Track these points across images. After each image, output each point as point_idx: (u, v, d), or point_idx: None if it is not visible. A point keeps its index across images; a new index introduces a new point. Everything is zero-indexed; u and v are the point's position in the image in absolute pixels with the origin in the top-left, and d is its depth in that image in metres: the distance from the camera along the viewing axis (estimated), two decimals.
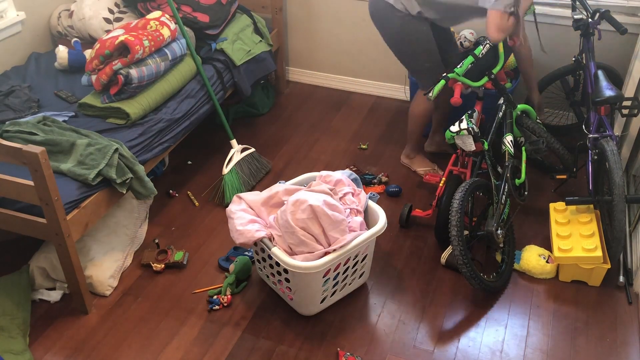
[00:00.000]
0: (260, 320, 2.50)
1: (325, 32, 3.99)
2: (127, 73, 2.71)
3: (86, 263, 2.58)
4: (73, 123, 2.73)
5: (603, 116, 2.78)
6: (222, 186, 3.08)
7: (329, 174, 2.63)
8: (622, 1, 3.23)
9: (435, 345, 2.39)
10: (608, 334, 2.43)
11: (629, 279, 2.62)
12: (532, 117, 3.05)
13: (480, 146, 2.64)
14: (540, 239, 2.86)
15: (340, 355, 2.34)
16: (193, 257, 2.81)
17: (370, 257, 2.55)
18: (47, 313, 2.53)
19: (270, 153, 3.50)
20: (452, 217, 2.46)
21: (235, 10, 3.57)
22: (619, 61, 3.33)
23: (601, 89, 2.69)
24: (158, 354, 2.36)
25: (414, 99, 3.17)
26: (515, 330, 2.46)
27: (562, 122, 3.63)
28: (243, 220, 2.40)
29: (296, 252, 2.31)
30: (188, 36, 3.11)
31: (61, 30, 3.45)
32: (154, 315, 2.52)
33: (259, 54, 3.55)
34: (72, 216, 2.33)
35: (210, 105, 3.19)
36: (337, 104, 4.00)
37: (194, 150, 3.52)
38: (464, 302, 2.58)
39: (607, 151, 2.59)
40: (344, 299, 2.57)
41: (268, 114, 3.90)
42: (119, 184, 2.49)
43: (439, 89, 2.58)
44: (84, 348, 2.39)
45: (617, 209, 2.49)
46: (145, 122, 2.79)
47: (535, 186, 3.18)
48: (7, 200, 2.35)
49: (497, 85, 2.82)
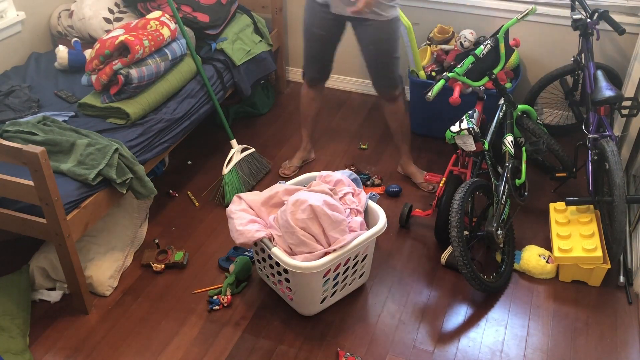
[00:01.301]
0: (260, 320, 2.50)
1: None
2: (127, 73, 2.71)
3: (86, 263, 2.58)
4: (73, 123, 2.73)
5: (603, 116, 2.78)
6: (222, 186, 3.08)
7: (329, 174, 2.63)
8: (621, 1, 3.23)
9: (435, 345, 2.39)
10: (608, 334, 2.43)
11: (629, 279, 2.62)
12: (533, 118, 3.05)
13: (480, 146, 2.64)
14: (540, 239, 2.86)
15: (340, 355, 2.34)
16: (193, 257, 2.81)
17: (370, 257, 2.55)
18: (47, 313, 2.53)
19: (270, 153, 3.50)
20: (452, 217, 2.46)
21: (235, 10, 3.57)
22: (618, 61, 3.34)
23: (601, 89, 2.69)
24: (158, 354, 2.36)
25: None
26: (515, 330, 2.46)
27: (562, 122, 3.64)
28: (243, 220, 2.40)
29: (296, 252, 2.31)
30: (188, 36, 3.12)
31: (61, 30, 3.45)
32: (154, 315, 2.52)
33: (259, 54, 3.55)
34: (72, 216, 2.33)
35: (210, 105, 3.19)
36: (337, 104, 4.00)
37: (194, 150, 3.52)
38: (464, 302, 2.58)
39: (607, 152, 2.59)
40: (344, 299, 2.57)
41: (268, 114, 3.90)
42: (119, 184, 2.49)
43: (439, 88, 2.58)
44: (84, 348, 2.39)
45: (618, 210, 2.49)
46: (145, 122, 2.79)
47: (535, 186, 3.18)
48: (7, 200, 2.35)
49: (497, 86, 2.82)
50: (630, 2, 3.21)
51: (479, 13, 3.50)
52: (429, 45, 3.55)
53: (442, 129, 2.77)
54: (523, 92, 3.47)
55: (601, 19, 2.96)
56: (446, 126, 2.68)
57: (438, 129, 3.23)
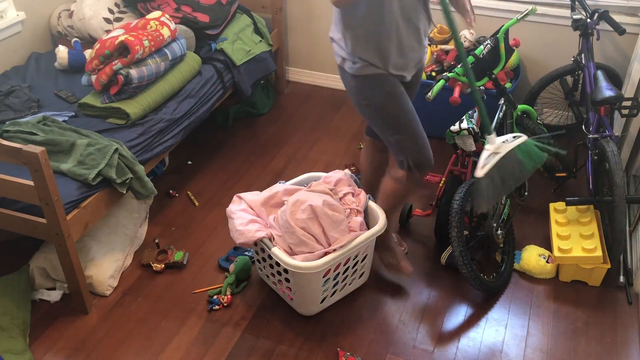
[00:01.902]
0: (260, 320, 2.50)
1: (325, 32, 3.96)
2: (127, 73, 2.71)
3: (86, 263, 2.58)
4: (73, 123, 2.73)
5: (603, 116, 2.78)
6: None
7: (329, 174, 2.63)
8: (621, 1, 3.23)
9: (435, 345, 2.39)
10: (608, 334, 2.43)
11: (629, 279, 2.62)
12: (533, 118, 3.05)
13: (480, 146, 2.64)
14: (541, 239, 2.86)
15: (340, 355, 2.34)
16: (193, 257, 2.80)
17: (370, 257, 2.55)
18: (47, 313, 2.53)
19: (270, 153, 3.50)
20: (452, 217, 2.46)
21: (235, 10, 3.57)
22: (618, 61, 3.34)
23: (601, 89, 2.69)
24: (158, 354, 2.36)
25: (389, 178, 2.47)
26: (515, 330, 2.46)
27: (562, 122, 3.64)
28: (243, 220, 2.40)
29: (296, 252, 2.31)
30: None
31: (61, 30, 3.45)
32: (154, 315, 2.52)
33: (259, 54, 3.55)
34: (72, 216, 2.33)
35: (210, 105, 3.19)
36: (337, 104, 4.00)
37: (194, 150, 3.52)
38: (464, 302, 2.58)
39: (608, 152, 2.59)
40: (344, 299, 2.57)
41: (268, 114, 3.90)
42: (119, 184, 2.49)
43: (439, 88, 2.57)
44: (84, 348, 2.39)
45: (618, 210, 2.49)
46: (145, 122, 2.79)
47: (535, 186, 3.18)
48: (7, 200, 2.35)
49: (497, 86, 2.82)
50: (630, 2, 3.21)
51: (479, 13, 3.50)
52: (429, 46, 3.55)
53: (442, 129, 2.77)
54: (523, 92, 3.47)
55: (601, 19, 2.96)
56: (446, 126, 2.68)
57: (438, 129, 3.23)
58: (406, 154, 2.33)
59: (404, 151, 2.33)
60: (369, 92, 2.26)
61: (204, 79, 3.16)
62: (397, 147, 2.34)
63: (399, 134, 2.30)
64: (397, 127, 2.29)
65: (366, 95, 2.27)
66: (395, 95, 2.26)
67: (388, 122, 2.30)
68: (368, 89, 2.25)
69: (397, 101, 2.27)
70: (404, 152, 2.33)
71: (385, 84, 2.24)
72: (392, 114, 2.28)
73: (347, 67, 2.24)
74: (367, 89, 2.25)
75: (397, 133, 2.30)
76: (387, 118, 2.29)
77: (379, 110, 2.29)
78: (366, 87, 2.25)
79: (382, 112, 2.29)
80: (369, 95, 2.27)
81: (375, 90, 2.25)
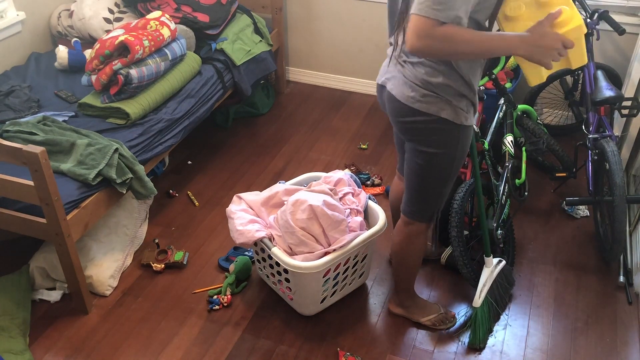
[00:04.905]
0: (260, 320, 2.50)
1: (325, 32, 3.99)
2: (127, 73, 2.71)
3: (86, 263, 2.58)
4: (73, 123, 2.73)
5: (603, 116, 2.78)
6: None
7: (329, 174, 2.63)
8: (621, 1, 3.23)
9: (435, 345, 2.39)
10: (608, 334, 2.43)
11: (629, 279, 2.62)
12: (533, 118, 3.05)
13: (480, 146, 2.64)
14: (540, 239, 2.86)
15: (340, 355, 2.34)
16: (193, 257, 2.81)
17: (370, 257, 2.55)
18: (47, 313, 2.53)
19: (270, 153, 3.50)
20: (452, 217, 2.47)
21: (235, 10, 3.57)
22: (618, 61, 3.33)
23: (601, 89, 2.69)
24: (158, 354, 2.36)
25: (400, 232, 2.28)
26: (515, 330, 2.46)
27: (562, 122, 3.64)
28: (243, 220, 2.41)
29: (296, 252, 2.31)
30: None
31: (61, 30, 3.45)
32: (154, 315, 2.52)
33: (259, 54, 3.55)
34: (72, 216, 2.33)
35: (210, 105, 3.19)
36: (337, 104, 4.00)
37: (194, 150, 3.52)
38: (464, 302, 2.58)
39: (608, 152, 2.59)
40: (344, 299, 2.57)
41: (268, 114, 3.90)
42: (119, 184, 2.49)
43: None
44: (84, 348, 2.39)
45: (618, 210, 2.49)
46: (145, 122, 2.79)
47: (535, 186, 3.18)
48: (7, 200, 2.35)
49: (497, 86, 2.82)
50: (630, 2, 3.21)
51: None
52: None
53: None
54: (523, 92, 3.47)
55: (601, 19, 2.95)
56: None
57: None
58: (438, 205, 2.19)
59: (439, 203, 2.18)
60: (464, 143, 2.02)
61: (204, 79, 3.16)
62: (435, 199, 2.16)
63: (447, 186, 2.13)
64: (451, 180, 2.12)
65: (459, 146, 2.02)
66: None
67: (449, 174, 2.09)
68: (465, 140, 2.02)
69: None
70: (438, 204, 2.18)
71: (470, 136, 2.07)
72: (457, 166, 2.09)
73: (448, 115, 1.92)
74: (465, 140, 2.02)
75: (446, 186, 2.12)
76: (452, 170, 2.08)
77: (454, 161, 2.05)
78: (465, 138, 2.01)
79: (454, 164, 2.06)
80: (463, 146, 2.03)
81: (467, 140, 2.04)
